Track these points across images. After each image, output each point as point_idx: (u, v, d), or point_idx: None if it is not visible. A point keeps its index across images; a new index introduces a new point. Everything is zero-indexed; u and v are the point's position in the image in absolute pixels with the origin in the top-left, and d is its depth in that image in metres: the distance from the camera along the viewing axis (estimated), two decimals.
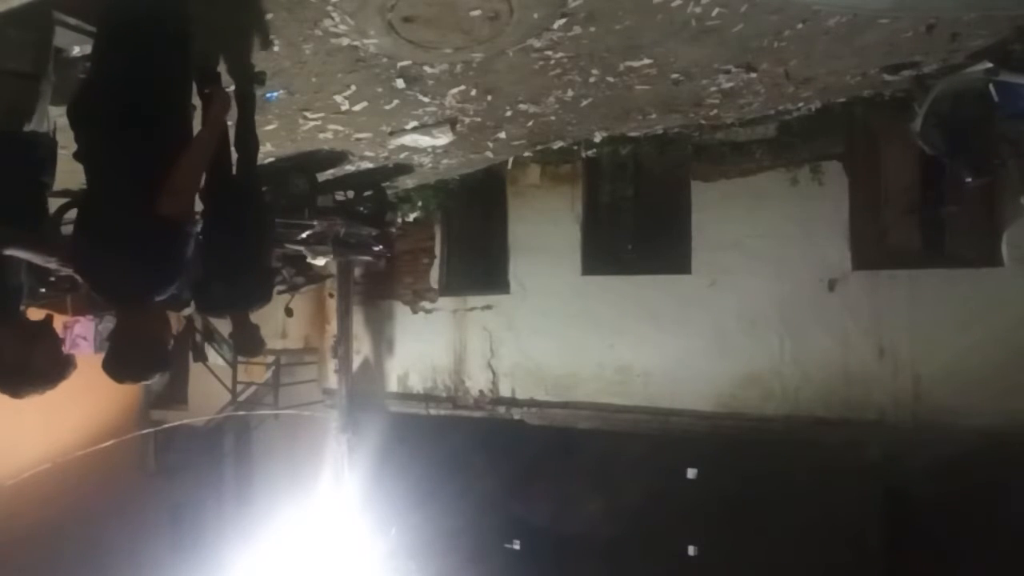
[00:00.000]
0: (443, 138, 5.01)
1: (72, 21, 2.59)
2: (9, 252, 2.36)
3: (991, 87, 3.82)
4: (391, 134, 4.98)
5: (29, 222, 2.39)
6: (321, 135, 4.80)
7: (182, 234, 2.19)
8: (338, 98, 4.14)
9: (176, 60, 2.36)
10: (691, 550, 6.02)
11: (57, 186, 3.78)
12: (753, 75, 4.31)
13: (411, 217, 7.44)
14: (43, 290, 4.44)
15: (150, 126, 2.19)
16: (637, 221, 6.71)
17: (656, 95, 4.68)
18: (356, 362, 8.10)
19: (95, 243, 2.17)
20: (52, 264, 2.71)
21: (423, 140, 5.06)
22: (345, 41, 3.38)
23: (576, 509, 6.51)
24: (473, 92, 4.32)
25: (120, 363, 2.16)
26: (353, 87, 4.00)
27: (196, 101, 3.18)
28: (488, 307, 7.20)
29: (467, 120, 4.91)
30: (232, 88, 3.53)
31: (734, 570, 5.80)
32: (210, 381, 8.52)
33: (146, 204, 2.08)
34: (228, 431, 10.12)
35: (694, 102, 4.92)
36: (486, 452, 7.08)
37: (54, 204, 3.42)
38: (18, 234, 2.37)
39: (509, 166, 6.71)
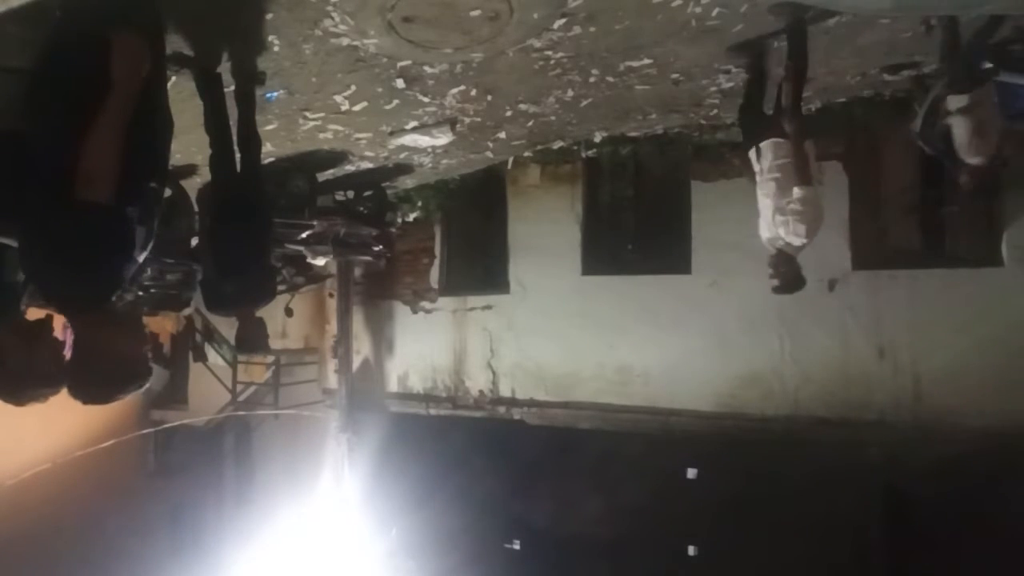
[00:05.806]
0: (443, 138, 5.01)
1: None
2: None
3: (991, 87, 3.81)
4: (391, 134, 4.98)
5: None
6: (321, 135, 4.80)
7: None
8: (338, 98, 4.14)
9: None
10: (691, 550, 6.02)
11: None
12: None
13: (411, 217, 7.44)
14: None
15: None
16: (637, 221, 6.71)
17: (656, 95, 4.68)
18: (356, 362, 8.10)
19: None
20: None
21: (423, 140, 5.05)
22: (345, 41, 3.37)
23: (576, 509, 6.50)
24: (473, 92, 4.32)
25: (80, 382, 1.91)
26: (353, 87, 4.00)
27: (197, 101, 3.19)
28: (488, 307, 7.20)
29: (467, 120, 4.90)
30: (232, 88, 3.53)
31: (734, 570, 5.79)
32: (210, 381, 8.53)
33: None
34: (228, 431, 10.10)
35: (694, 102, 4.92)
36: (486, 452, 7.07)
37: None
38: None
39: (509, 166, 6.71)
